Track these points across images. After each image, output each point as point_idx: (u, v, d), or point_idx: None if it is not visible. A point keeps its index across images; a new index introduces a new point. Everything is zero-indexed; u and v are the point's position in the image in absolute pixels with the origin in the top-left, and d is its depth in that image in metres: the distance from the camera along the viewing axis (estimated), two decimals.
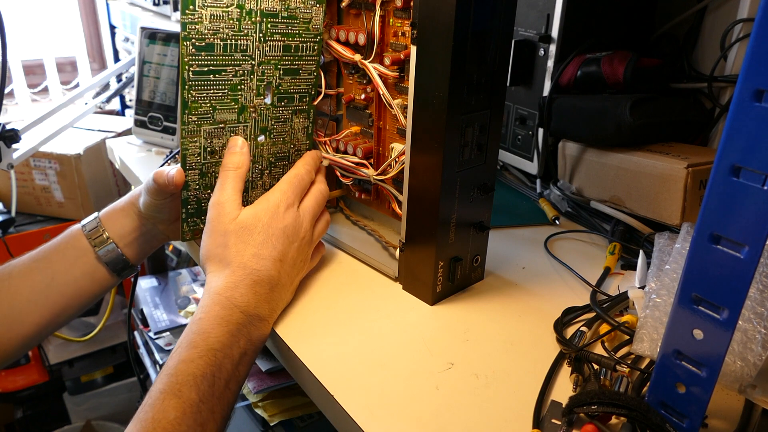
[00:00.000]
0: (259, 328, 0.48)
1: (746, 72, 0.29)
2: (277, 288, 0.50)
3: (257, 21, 0.52)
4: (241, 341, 0.46)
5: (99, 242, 0.59)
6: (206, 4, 0.49)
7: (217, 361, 0.43)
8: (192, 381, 0.42)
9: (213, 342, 0.44)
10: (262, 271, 0.49)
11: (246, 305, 0.47)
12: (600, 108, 0.68)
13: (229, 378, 0.44)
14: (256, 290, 0.48)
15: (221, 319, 0.45)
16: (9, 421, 1.47)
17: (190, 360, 0.43)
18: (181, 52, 0.49)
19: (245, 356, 0.46)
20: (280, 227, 0.51)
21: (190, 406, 0.41)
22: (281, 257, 0.50)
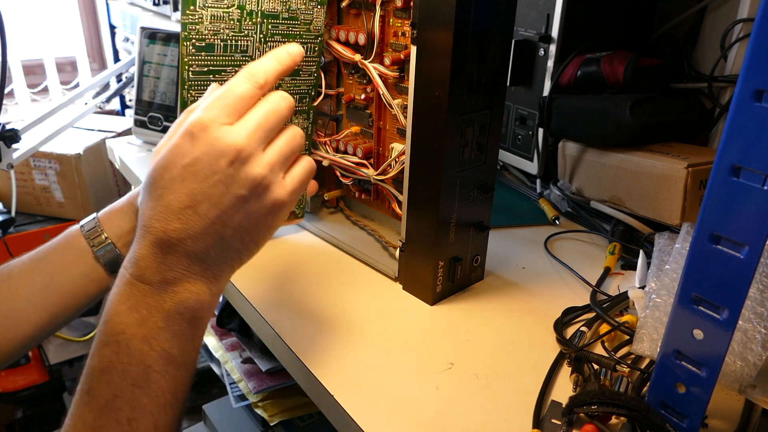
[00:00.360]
0: (175, 295, 0.38)
1: (746, 72, 0.29)
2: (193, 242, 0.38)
3: (258, 22, 0.52)
4: (153, 315, 0.38)
5: (97, 242, 0.59)
6: (207, 4, 0.49)
7: (122, 345, 0.37)
8: (99, 376, 0.37)
9: (114, 325, 0.38)
10: (158, 228, 0.38)
11: (144, 274, 0.38)
12: (600, 108, 0.68)
13: (147, 361, 0.37)
14: (154, 252, 0.38)
15: (121, 295, 0.38)
16: (9, 421, 1.47)
17: (95, 352, 0.38)
18: (181, 53, 0.49)
19: (167, 330, 0.38)
20: (185, 163, 0.38)
21: (104, 405, 0.36)
22: (189, 203, 0.38)
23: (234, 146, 0.38)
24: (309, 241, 0.65)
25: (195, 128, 0.38)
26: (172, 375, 0.38)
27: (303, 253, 0.63)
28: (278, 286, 0.57)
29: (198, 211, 0.38)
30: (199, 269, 0.39)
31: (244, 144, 0.38)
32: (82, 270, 0.59)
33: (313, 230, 0.66)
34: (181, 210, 0.38)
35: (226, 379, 0.97)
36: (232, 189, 0.38)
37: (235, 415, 0.98)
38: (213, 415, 1.01)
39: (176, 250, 0.38)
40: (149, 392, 0.37)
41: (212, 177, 0.38)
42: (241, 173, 0.39)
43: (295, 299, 0.55)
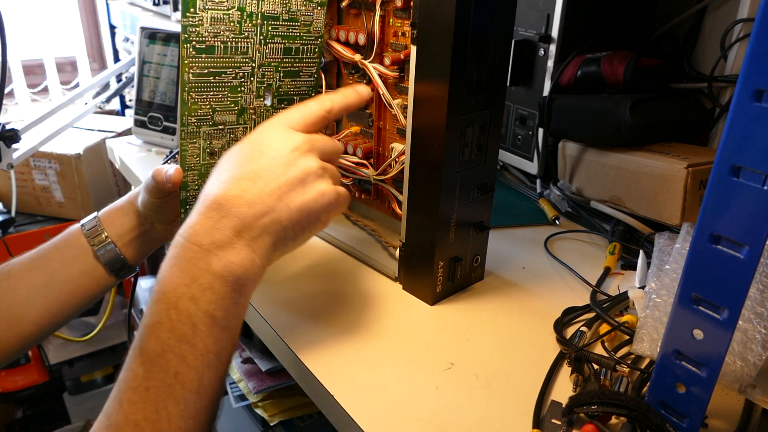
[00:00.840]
0: (221, 258, 0.41)
1: (746, 72, 0.29)
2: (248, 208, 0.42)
3: (258, 23, 0.52)
4: (201, 276, 0.40)
5: (97, 242, 0.59)
6: (207, 6, 0.49)
7: (171, 302, 0.39)
8: (149, 331, 0.39)
9: (165, 284, 0.40)
10: (218, 194, 0.42)
11: (196, 235, 0.41)
12: (600, 108, 0.68)
13: (194, 319, 0.39)
14: (209, 215, 0.41)
15: (173, 258, 0.41)
16: (9, 421, 1.47)
17: (148, 310, 0.40)
18: (181, 55, 0.49)
19: (212, 292, 0.40)
20: (254, 147, 0.44)
21: (154, 358, 0.38)
22: (250, 176, 0.42)
23: (299, 138, 0.45)
24: (309, 241, 0.65)
25: (273, 120, 0.46)
26: (216, 336, 0.40)
27: (303, 253, 0.63)
28: (278, 286, 0.57)
29: (256, 183, 0.42)
30: (248, 237, 0.42)
31: (307, 140, 0.45)
32: (82, 269, 0.59)
33: None
34: (241, 179, 0.42)
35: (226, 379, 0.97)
36: (290, 171, 0.44)
37: (235, 415, 0.98)
38: None
39: (230, 213, 0.41)
40: (195, 350, 0.39)
41: (276, 158, 0.43)
42: (301, 161, 0.44)
43: (295, 299, 0.55)
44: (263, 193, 0.42)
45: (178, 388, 0.38)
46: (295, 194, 0.44)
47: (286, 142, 0.44)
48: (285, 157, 0.44)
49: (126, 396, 0.38)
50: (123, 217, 0.60)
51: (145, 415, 0.37)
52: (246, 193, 0.42)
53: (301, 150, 0.45)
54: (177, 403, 0.38)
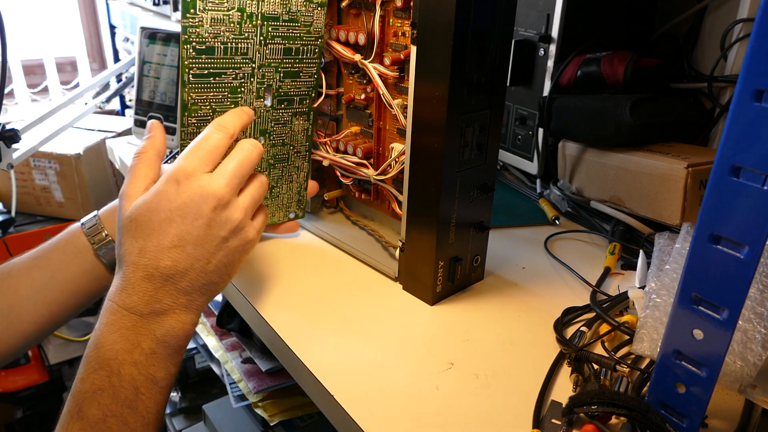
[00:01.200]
0: (163, 324, 0.43)
1: (746, 72, 0.29)
2: (181, 278, 0.44)
3: (258, 24, 0.52)
4: (143, 342, 0.42)
5: (98, 240, 0.59)
6: (207, 7, 0.48)
7: (113, 370, 0.41)
8: (90, 398, 0.40)
9: (105, 351, 0.41)
10: (149, 265, 0.43)
11: (134, 305, 0.43)
12: (600, 108, 0.68)
13: (136, 384, 0.41)
14: (145, 287, 0.43)
15: (111, 325, 0.42)
16: (9, 421, 1.47)
17: (86, 376, 0.41)
18: (181, 55, 0.49)
19: (154, 356, 0.43)
20: (172, 207, 0.43)
21: (95, 424, 0.40)
22: (177, 242, 0.43)
23: (216, 193, 0.44)
24: (309, 241, 0.65)
25: (179, 175, 0.44)
26: (156, 397, 0.42)
27: (303, 253, 0.63)
28: (278, 286, 0.57)
29: (186, 250, 0.43)
30: (184, 301, 0.44)
31: (225, 191, 0.44)
32: (83, 267, 0.59)
33: (313, 230, 0.66)
34: (170, 249, 0.43)
35: (226, 379, 0.97)
36: (214, 231, 0.44)
37: (235, 415, 0.98)
38: (213, 415, 1.01)
39: (166, 284, 0.43)
40: (136, 412, 0.41)
41: (198, 220, 0.44)
42: (222, 217, 0.45)
43: (295, 299, 0.55)
44: (193, 260, 0.44)
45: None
46: (222, 252, 0.45)
47: (204, 200, 0.44)
48: (207, 218, 0.44)
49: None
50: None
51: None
52: (179, 264, 0.43)
53: (221, 205, 0.44)
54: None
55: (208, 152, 0.45)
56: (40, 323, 0.59)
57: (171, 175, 0.44)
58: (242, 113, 0.50)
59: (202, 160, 0.45)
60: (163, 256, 0.43)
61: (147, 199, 0.44)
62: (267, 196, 0.60)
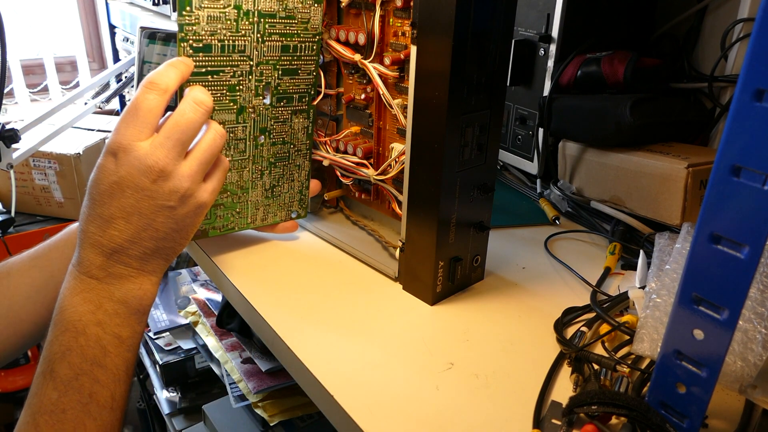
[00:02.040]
0: (121, 287, 0.45)
1: (746, 72, 0.29)
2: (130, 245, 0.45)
3: (255, 21, 0.52)
4: (104, 304, 0.44)
5: None
6: (203, 5, 0.48)
7: (79, 331, 0.43)
8: (60, 358, 0.42)
9: (70, 314, 0.43)
10: (95, 234, 0.44)
11: (92, 270, 0.44)
12: (600, 108, 0.68)
13: (103, 343, 0.43)
14: (95, 255, 0.44)
15: (73, 289, 0.44)
16: (9, 421, 1.47)
17: (54, 338, 0.43)
18: (179, 53, 0.49)
19: (117, 316, 0.44)
20: (111, 181, 0.44)
21: (67, 382, 0.41)
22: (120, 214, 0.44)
23: (155, 166, 0.43)
24: (309, 241, 0.65)
25: (116, 148, 0.43)
26: (123, 354, 0.44)
27: (303, 253, 0.63)
28: (278, 286, 0.57)
29: (130, 221, 0.44)
30: (138, 265, 0.45)
31: (164, 162, 0.44)
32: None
33: (313, 230, 0.66)
34: (113, 220, 0.44)
35: (226, 379, 0.97)
36: (158, 201, 0.44)
37: (235, 415, 0.98)
38: (213, 415, 1.01)
39: (115, 253, 0.44)
40: (106, 370, 0.43)
41: (138, 193, 0.44)
42: (165, 188, 0.44)
43: (295, 299, 0.55)
44: (139, 229, 0.44)
45: (94, 406, 0.41)
46: (172, 220, 0.45)
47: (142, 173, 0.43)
48: (149, 191, 0.44)
49: (42, 419, 0.40)
50: None
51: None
52: (124, 234, 0.44)
53: (163, 177, 0.44)
54: (94, 420, 0.41)
55: (142, 118, 0.44)
56: (40, 323, 0.59)
57: (108, 148, 0.44)
58: (177, 62, 0.47)
59: (136, 128, 0.43)
60: (108, 227, 0.44)
61: (94, 171, 0.45)
62: (269, 196, 0.60)
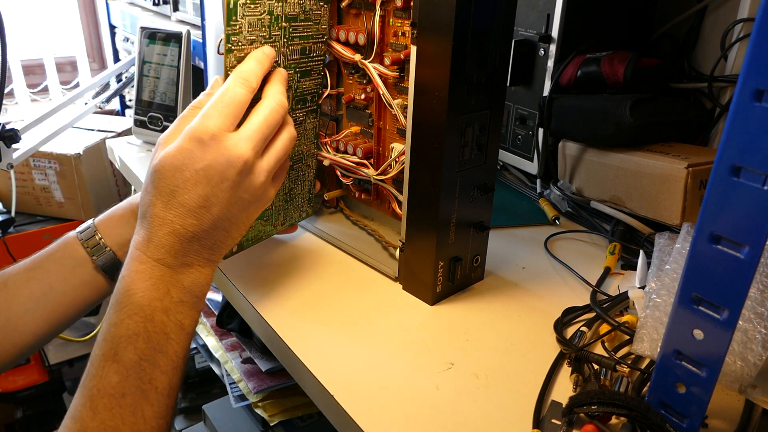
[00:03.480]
0: (189, 275, 0.45)
1: (746, 72, 0.29)
2: (205, 234, 0.45)
3: (283, 26, 0.52)
4: (172, 291, 0.44)
5: (97, 251, 0.58)
6: (245, 13, 0.48)
7: (148, 316, 0.43)
8: (126, 342, 0.41)
9: (139, 298, 0.43)
10: (175, 221, 0.44)
11: (164, 257, 0.44)
12: (600, 108, 0.68)
13: (166, 329, 0.43)
14: (171, 242, 0.44)
15: (141, 273, 0.44)
16: (9, 421, 1.47)
17: (120, 322, 0.42)
18: (225, 65, 0.48)
19: (182, 304, 0.45)
20: (197, 168, 0.43)
21: (131, 367, 0.41)
22: (203, 203, 0.44)
23: (242, 157, 0.44)
24: (309, 241, 0.65)
25: (204, 135, 0.44)
26: (183, 342, 0.44)
27: (303, 253, 0.63)
28: (278, 286, 0.57)
29: (210, 211, 0.45)
30: (207, 255, 0.46)
31: (250, 155, 0.45)
32: (83, 279, 0.59)
33: (313, 230, 0.66)
34: (196, 209, 0.44)
35: (226, 379, 0.97)
36: (238, 193, 0.45)
37: (235, 415, 0.98)
38: (213, 415, 1.01)
39: (192, 241, 0.45)
40: (166, 356, 0.43)
41: (223, 183, 0.44)
42: (247, 181, 0.46)
43: (295, 299, 0.55)
44: (217, 219, 0.45)
45: (152, 392, 0.41)
46: (245, 213, 0.47)
47: (229, 163, 0.44)
48: (232, 182, 0.45)
49: (102, 403, 0.40)
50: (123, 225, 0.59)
51: (123, 419, 0.40)
52: (204, 223, 0.45)
53: (246, 170, 0.45)
54: (151, 406, 0.41)
55: (232, 109, 0.45)
56: (38, 334, 0.58)
57: (194, 133, 0.44)
58: (263, 57, 0.48)
59: (227, 118, 0.44)
60: (189, 215, 0.44)
61: (171, 153, 0.44)
62: (287, 199, 0.59)
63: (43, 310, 0.58)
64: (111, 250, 0.58)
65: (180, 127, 0.46)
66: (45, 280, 0.58)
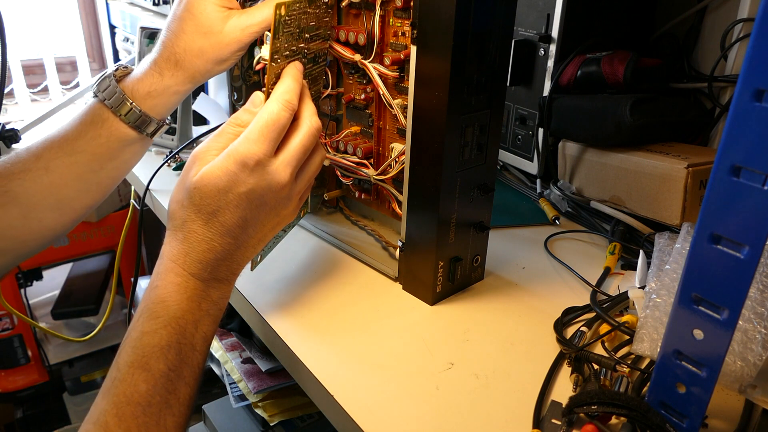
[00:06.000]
0: (218, 289, 0.47)
1: (746, 72, 0.29)
2: (237, 252, 0.47)
3: (305, 37, 0.52)
4: (203, 304, 0.46)
5: (140, 123, 0.58)
6: (284, 30, 0.48)
7: (180, 329, 0.44)
8: (158, 352, 0.42)
9: (174, 310, 0.44)
10: (214, 240, 0.46)
11: (200, 272, 0.46)
12: (600, 108, 0.68)
13: (194, 341, 0.44)
14: (208, 258, 0.46)
15: (177, 286, 0.45)
16: (9, 421, 1.47)
17: (154, 331, 0.43)
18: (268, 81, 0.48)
19: (208, 316, 0.46)
20: (240, 192, 0.45)
21: (160, 377, 0.42)
22: (242, 224, 0.46)
23: (281, 183, 0.46)
24: (309, 241, 0.65)
25: (249, 161, 0.45)
26: (204, 353, 0.46)
27: (303, 253, 0.63)
28: (278, 286, 0.57)
29: (246, 231, 0.47)
30: (237, 270, 0.48)
31: (288, 180, 0.47)
32: (134, 150, 0.61)
33: (313, 230, 0.66)
34: (234, 229, 0.46)
35: (226, 379, 0.97)
36: (271, 215, 0.48)
37: (235, 415, 0.98)
38: (213, 415, 1.01)
39: (226, 259, 0.47)
40: (191, 368, 0.44)
41: (263, 207, 0.46)
42: (281, 205, 0.48)
43: (295, 299, 0.55)
44: (250, 238, 0.47)
45: (175, 402, 0.42)
46: (273, 232, 0.49)
47: (269, 188, 0.46)
48: (270, 207, 0.47)
49: (128, 410, 0.40)
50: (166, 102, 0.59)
51: (148, 428, 0.40)
52: (239, 242, 0.47)
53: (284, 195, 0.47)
54: (173, 416, 0.42)
55: (276, 134, 0.46)
56: (91, 205, 0.62)
57: (240, 157, 0.45)
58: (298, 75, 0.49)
59: (272, 143, 0.46)
60: (228, 234, 0.46)
61: (215, 174, 0.45)
62: None
63: (96, 186, 0.60)
64: (153, 118, 0.58)
65: (218, 143, 0.47)
66: (95, 163, 0.59)
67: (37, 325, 1.32)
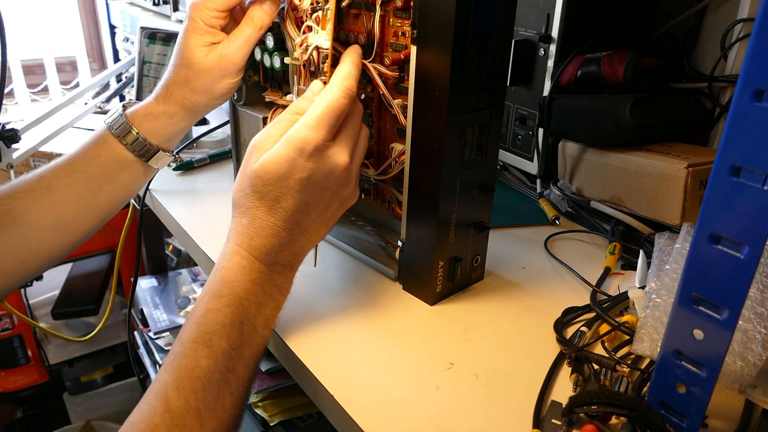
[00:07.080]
0: (282, 274, 0.48)
1: (746, 72, 0.29)
2: (301, 237, 0.48)
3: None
4: (266, 287, 0.47)
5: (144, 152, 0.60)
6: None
7: (244, 309, 0.45)
8: (222, 330, 0.43)
9: (239, 291, 0.45)
10: (278, 225, 0.47)
11: (264, 257, 0.47)
12: (600, 108, 0.68)
13: (256, 323, 0.45)
14: (272, 243, 0.47)
15: (242, 267, 0.46)
16: (9, 421, 1.47)
17: (218, 309, 0.44)
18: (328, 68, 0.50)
19: (271, 300, 0.47)
20: (301, 177, 0.46)
21: (221, 355, 0.42)
22: (304, 208, 0.47)
23: (342, 166, 0.47)
24: None
25: (308, 146, 0.46)
26: (265, 336, 0.47)
27: None
28: None
29: (309, 215, 0.48)
30: (300, 254, 0.49)
31: (347, 163, 0.48)
32: (133, 176, 0.62)
33: None
34: (296, 214, 0.47)
35: None
36: (334, 198, 0.49)
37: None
38: None
39: (290, 243, 0.48)
40: (251, 348, 0.45)
41: (325, 191, 0.48)
42: (341, 188, 0.49)
43: (294, 300, 0.55)
44: (312, 222, 0.48)
45: (234, 381, 0.43)
46: (335, 215, 0.51)
47: (329, 173, 0.47)
48: (331, 190, 0.48)
49: (189, 384, 0.41)
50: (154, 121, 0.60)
51: (206, 403, 0.41)
52: (302, 226, 0.48)
53: (344, 179, 0.48)
54: (231, 395, 0.42)
55: (335, 121, 0.47)
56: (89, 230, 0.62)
57: (299, 143, 0.46)
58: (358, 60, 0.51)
59: (331, 129, 0.47)
60: (290, 219, 0.47)
61: (275, 160, 0.46)
62: None
63: (95, 209, 0.61)
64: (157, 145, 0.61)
65: (277, 130, 0.48)
66: (93, 183, 0.60)
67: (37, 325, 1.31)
